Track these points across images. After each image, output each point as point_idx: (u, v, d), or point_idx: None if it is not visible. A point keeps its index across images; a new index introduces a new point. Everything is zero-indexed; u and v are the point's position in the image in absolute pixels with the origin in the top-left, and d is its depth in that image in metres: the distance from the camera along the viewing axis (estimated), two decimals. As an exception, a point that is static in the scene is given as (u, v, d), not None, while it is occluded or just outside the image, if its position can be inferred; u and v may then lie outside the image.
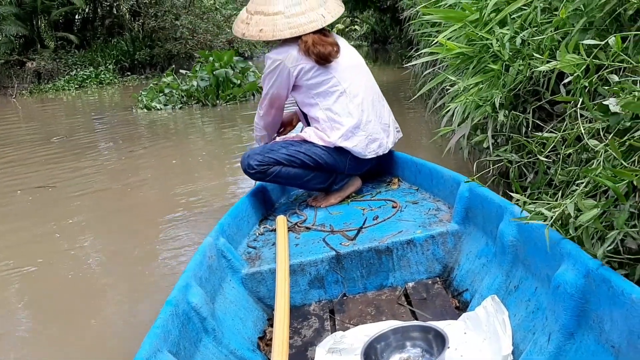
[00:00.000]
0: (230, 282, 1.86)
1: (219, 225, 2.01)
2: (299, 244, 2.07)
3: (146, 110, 9.98)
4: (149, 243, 3.21)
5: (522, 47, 1.85)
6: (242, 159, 2.44)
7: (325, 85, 2.38)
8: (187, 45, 19.49)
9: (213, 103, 9.83)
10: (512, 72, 1.84)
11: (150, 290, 2.59)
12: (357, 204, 2.46)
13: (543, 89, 1.81)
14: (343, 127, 2.36)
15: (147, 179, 4.89)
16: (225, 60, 10.47)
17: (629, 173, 0.99)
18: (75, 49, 19.75)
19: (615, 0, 1.23)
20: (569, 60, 1.15)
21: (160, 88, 10.55)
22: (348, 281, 1.92)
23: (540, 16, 1.82)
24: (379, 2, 17.39)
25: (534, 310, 1.38)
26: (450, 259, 1.93)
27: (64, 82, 17.11)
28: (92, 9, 22.02)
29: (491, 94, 1.89)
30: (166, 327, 1.33)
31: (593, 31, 1.54)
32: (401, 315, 1.72)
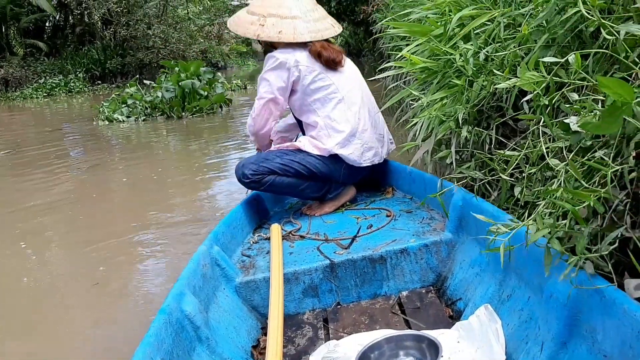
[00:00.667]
0: (224, 291, 1.85)
1: (213, 233, 2.00)
2: (293, 252, 2.07)
3: (107, 122, 9.51)
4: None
5: (486, 62, 1.83)
6: (237, 168, 2.43)
7: (324, 91, 2.40)
8: (159, 55, 19.36)
9: (178, 115, 9.43)
10: (475, 88, 1.81)
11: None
12: (351, 212, 2.46)
13: (506, 105, 1.79)
14: (340, 135, 2.37)
15: (85, 199, 4.57)
16: (191, 71, 10.04)
17: (586, 195, 0.95)
18: (45, 57, 19.46)
19: (577, 17, 1.20)
20: (529, 78, 1.12)
21: (123, 99, 10.13)
22: (342, 290, 1.91)
23: (504, 32, 1.80)
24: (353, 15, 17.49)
25: (526, 320, 1.38)
26: (444, 268, 1.93)
27: (32, 90, 16.83)
28: (63, 17, 21.73)
29: (455, 110, 1.86)
30: (160, 336, 1.32)
31: (555, 47, 1.52)
32: (395, 324, 1.72)
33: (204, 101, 9.67)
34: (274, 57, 2.39)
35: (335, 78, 2.43)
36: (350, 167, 2.43)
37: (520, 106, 1.64)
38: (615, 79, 0.86)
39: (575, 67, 1.06)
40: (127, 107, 9.85)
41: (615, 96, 0.88)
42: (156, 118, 9.56)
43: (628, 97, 0.87)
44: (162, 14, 20.97)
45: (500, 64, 1.76)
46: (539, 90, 1.13)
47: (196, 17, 23.60)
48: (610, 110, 0.89)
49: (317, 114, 2.41)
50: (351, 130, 2.38)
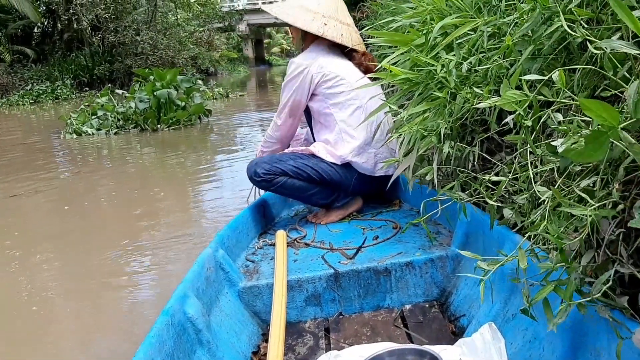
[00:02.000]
0: (227, 295, 1.85)
1: (218, 236, 2.00)
2: (297, 259, 2.06)
3: (75, 135, 8.75)
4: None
5: (469, 74, 1.73)
6: (249, 166, 2.44)
7: (343, 96, 2.43)
8: (148, 61, 19.23)
9: (153, 127, 8.73)
10: (458, 101, 1.70)
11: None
12: (357, 222, 2.47)
13: (490, 119, 1.69)
14: (355, 141, 2.40)
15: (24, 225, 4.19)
16: (167, 80, 9.35)
17: (561, 239, 0.86)
18: (33, 63, 19.30)
19: (562, 29, 1.10)
20: (510, 97, 1.01)
21: (93, 110, 9.34)
22: (345, 300, 1.90)
23: (488, 42, 1.70)
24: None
25: (530, 340, 1.35)
26: (449, 284, 1.92)
27: (18, 97, 16.64)
28: (52, 23, 21.57)
29: (437, 124, 1.75)
30: (161, 337, 1.31)
31: (541, 60, 1.42)
32: (397, 338, 1.70)
33: (181, 112, 9.00)
34: (294, 63, 2.46)
35: (354, 86, 2.45)
36: (362, 177, 2.45)
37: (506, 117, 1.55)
38: (599, 101, 0.76)
39: (560, 85, 0.96)
40: (97, 118, 9.11)
41: (599, 120, 0.77)
42: (129, 131, 8.86)
43: (613, 121, 0.77)
44: (151, 20, 20.87)
45: (484, 75, 1.66)
46: (520, 110, 1.02)
47: (186, 23, 23.49)
48: (594, 135, 0.79)
49: (334, 117, 2.44)
50: (365, 138, 2.41)
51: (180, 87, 9.54)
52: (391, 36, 2.07)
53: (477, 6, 1.98)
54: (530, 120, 1.04)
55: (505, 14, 1.79)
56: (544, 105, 1.23)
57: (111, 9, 18.70)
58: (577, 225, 1.13)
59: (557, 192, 0.99)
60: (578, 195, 1.13)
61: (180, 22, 22.74)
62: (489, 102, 1.08)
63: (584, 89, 1.20)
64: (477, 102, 1.54)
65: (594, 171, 1.12)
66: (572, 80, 1.22)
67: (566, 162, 1.11)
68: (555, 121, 1.04)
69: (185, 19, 24.08)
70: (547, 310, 1.08)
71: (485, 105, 1.10)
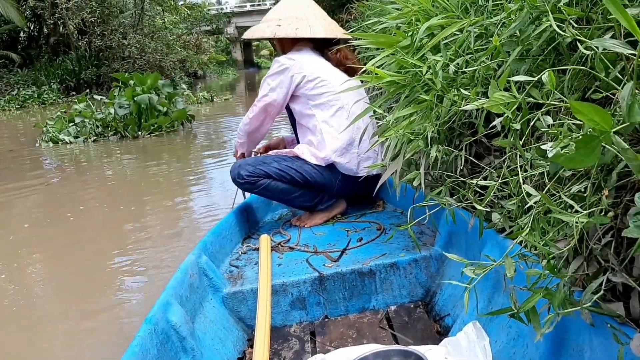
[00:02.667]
0: (211, 301, 1.83)
1: (202, 242, 1.98)
2: (281, 264, 2.05)
3: (52, 143, 8.22)
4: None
5: (456, 75, 1.68)
6: (233, 168, 2.43)
7: (325, 97, 2.43)
8: (136, 65, 19.12)
9: (134, 135, 8.26)
10: (445, 104, 1.66)
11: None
12: (341, 225, 2.46)
13: (478, 122, 1.64)
14: (337, 142, 2.40)
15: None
16: (148, 84, 8.77)
17: (549, 249, 0.81)
18: (18, 68, 19.10)
19: (551, 29, 1.05)
20: (498, 99, 0.97)
21: (70, 117, 8.84)
22: (330, 303, 1.89)
23: (475, 42, 1.66)
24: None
25: (515, 337, 1.36)
26: (433, 283, 1.92)
27: (3, 103, 16.45)
28: (38, 27, 21.39)
29: (424, 127, 1.71)
30: (144, 346, 1.30)
31: (530, 60, 1.38)
32: (382, 339, 1.71)
33: (163, 118, 8.50)
34: (279, 62, 2.45)
35: (337, 85, 2.46)
36: (346, 178, 2.45)
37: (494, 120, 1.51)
38: (590, 104, 0.71)
39: (550, 87, 0.91)
40: (74, 125, 8.59)
41: (590, 123, 0.73)
42: (108, 138, 8.41)
43: (605, 125, 0.72)
44: (138, 23, 20.75)
45: (471, 77, 1.62)
46: (509, 113, 0.98)
47: (173, 27, 23.38)
48: (585, 140, 0.74)
49: (316, 118, 2.43)
50: (349, 139, 2.41)
51: (161, 92, 9.06)
52: (376, 38, 2.02)
53: (463, 6, 1.94)
54: (519, 124, 0.99)
55: (493, 14, 1.75)
56: (533, 107, 1.19)
57: (97, 12, 18.57)
58: (567, 232, 1.09)
59: (545, 197, 0.95)
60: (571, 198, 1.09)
61: (167, 26, 22.62)
62: (476, 104, 1.04)
63: (573, 91, 1.15)
64: (465, 104, 1.50)
65: (585, 176, 1.08)
66: (562, 81, 1.18)
67: (556, 167, 1.07)
68: (544, 124, 0.99)
69: (172, 22, 23.96)
70: (534, 319, 1.05)
71: (472, 107, 1.05)
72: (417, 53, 1.87)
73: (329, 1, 16.15)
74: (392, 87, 1.97)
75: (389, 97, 2.16)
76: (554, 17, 1.14)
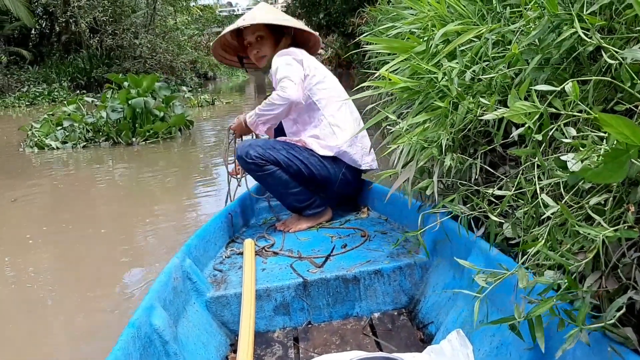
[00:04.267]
0: (195, 305, 1.82)
1: (186, 246, 1.97)
2: (265, 268, 2.05)
3: (37, 149, 7.52)
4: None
5: (472, 83, 1.66)
6: (242, 147, 2.39)
7: (329, 92, 2.50)
8: (147, 65, 19.18)
9: (127, 141, 7.55)
10: (460, 111, 1.63)
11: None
12: (326, 230, 2.47)
13: (494, 130, 1.62)
14: (346, 133, 2.45)
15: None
16: (144, 87, 8.06)
17: (568, 260, 0.79)
18: (30, 65, 19.20)
19: (573, 39, 1.03)
20: (519, 108, 0.94)
21: (58, 120, 8.07)
22: (314, 309, 1.89)
23: (492, 50, 1.64)
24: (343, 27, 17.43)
25: (498, 346, 1.37)
26: (417, 291, 1.92)
27: (14, 99, 16.52)
28: (49, 25, 21.51)
29: (438, 135, 1.68)
30: (127, 350, 1.28)
31: (549, 69, 1.35)
32: (366, 346, 1.70)
33: (160, 124, 7.76)
34: (287, 51, 2.49)
35: (335, 83, 2.57)
36: (348, 171, 2.49)
37: (511, 131, 1.48)
38: (619, 116, 0.69)
39: (573, 98, 0.89)
40: (63, 129, 7.84)
41: (620, 137, 0.70)
42: (99, 144, 7.68)
43: (635, 139, 0.69)
44: (150, 23, 20.81)
45: (487, 85, 1.59)
46: (530, 123, 0.95)
47: (185, 27, 23.44)
48: (613, 154, 0.72)
49: (321, 112, 2.47)
50: (353, 132, 2.46)
51: (158, 95, 8.33)
52: (390, 43, 2.00)
53: (480, 13, 1.92)
54: (541, 135, 0.97)
55: (510, 21, 1.72)
56: (551, 117, 1.17)
57: (109, 11, 18.64)
58: (586, 245, 1.07)
59: (565, 209, 0.93)
60: (586, 213, 1.06)
61: (179, 26, 22.66)
62: (496, 113, 1.01)
63: (595, 102, 1.13)
64: (482, 112, 1.47)
65: (604, 189, 1.06)
66: (583, 92, 1.15)
67: (576, 179, 1.04)
68: (568, 135, 0.97)
69: (184, 23, 24.03)
70: (538, 329, 1.04)
71: (492, 116, 1.03)
72: (432, 59, 1.85)
73: (340, 5, 16.18)
74: (406, 93, 1.95)
75: (401, 103, 2.14)
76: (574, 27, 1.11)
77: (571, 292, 0.96)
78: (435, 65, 1.81)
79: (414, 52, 1.88)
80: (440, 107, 1.70)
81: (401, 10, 2.65)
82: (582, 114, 0.95)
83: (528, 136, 1.03)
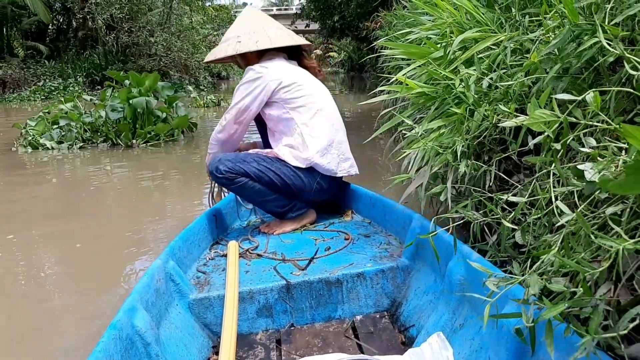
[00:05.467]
0: (177, 307, 1.81)
1: (169, 247, 1.95)
2: (249, 271, 2.04)
3: (31, 149, 7.02)
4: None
5: (489, 90, 1.66)
6: (212, 162, 2.42)
7: (302, 100, 2.46)
8: (161, 63, 19.30)
9: (127, 143, 7.07)
10: (476, 118, 1.64)
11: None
12: (310, 233, 2.46)
13: (510, 138, 1.62)
14: (319, 143, 2.42)
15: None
16: (146, 86, 7.52)
17: (584, 267, 0.79)
18: (46, 60, 19.36)
19: (595, 49, 1.03)
20: (539, 116, 0.94)
21: (54, 118, 7.51)
22: (296, 311, 1.89)
23: (510, 57, 1.64)
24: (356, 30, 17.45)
25: (477, 349, 1.39)
26: (399, 294, 1.94)
27: (29, 93, 16.69)
28: (67, 20, 21.69)
29: (453, 141, 1.69)
30: (108, 352, 1.28)
31: (568, 79, 1.35)
32: (347, 349, 1.71)
33: (162, 125, 7.26)
34: (253, 70, 2.45)
35: (313, 89, 2.52)
36: (324, 180, 2.47)
37: (526, 139, 1.48)
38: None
39: (594, 108, 0.89)
40: (59, 129, 7.31)
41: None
42: (97, 145, 7.20)
43: (659, 150, 0.70)
44: (166, 22, 20.93)
45: (504, 93, 1.59)
46: (549, 132, 0.95)
47: (200, 27, 23.54)
48: (636, 166, 0.72)
49: (295, 121, 2.45)
50: (329, 140, 2.45)
51: (161, 95, 7.81)
52: (408, 48, 2.01)
53: (498, 21, 1.92)
54: (559, 144, 0.97)
55: (529, 30, 1.72)
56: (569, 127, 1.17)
57: (126, 9, 18.77)
58: (601, 254, 1.06)
59: (580, 217, 0.92)
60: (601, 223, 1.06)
61: (194, 26, 22.77)
62: (515, 121, 1.01)
63: (615, 113, 1.13)
64: (498, 119, 1.47)
65: (620, 199, 1.05)
66: (602, 102, 1.15)
67: (592, 188, 1.04)
68: (587, 145, 0.97)
69: (199, 23, 24.13)
70: (548, 334, 1.02)
71: (511, 124, 1.03)
72: (449, 65, 1.85)
73: (355, 9, 16.20)
74: (422, 99, 1.96)
75: (416, 108, 2.14)
76: (596, 36, 1.11)
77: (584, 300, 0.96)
78: (453, 71, 1.81)
79: (431, 57, 1.88)
80: (456, 113, 1.70)
81: (418, 15, 2.66)
82: (601, 124, 0.95)
83: (546, 145, 1.03)
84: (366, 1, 14.65)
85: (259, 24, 2.60)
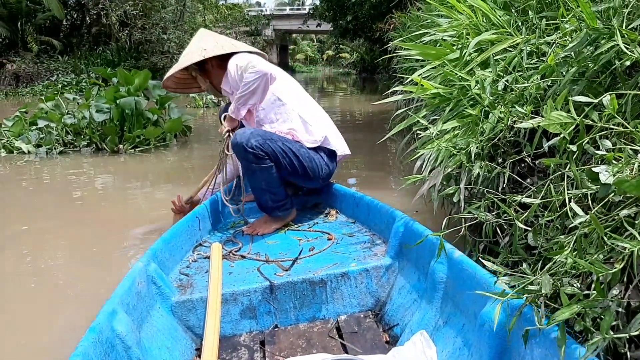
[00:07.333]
0: (159, 310, 1.78)
1: (151, 250, 1.92)
2: (232, 272, 2.03)
3: (5, 152, 6.28)
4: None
5: (505, 92, 1.67)
6: (241, 134, 2.32)
7: (289, 87, 2.61)
8: (174, 60, 19.38)
9: (113, 148, 6.22)
10: (491, 120, 1.65)
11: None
12: (293, 233, 2.45)
13: (524, 141, 1.63)
14: (321, 122, 2.54)
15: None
16: (135, 85, 6.73)
17: (600, 268, 0.80)
18: (59, 55, 19.51)
19: (612, 50, 1.04)
20: (556, 118, 0.96)
21: (32, 119, 6.74)
22: (280, 312, 1.88)
23: (526, 60, 1.65)
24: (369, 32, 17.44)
25: (460, 347, 1.41)
26: (383, 293, 1.94)
27: (42, 87, 16.82)
28: (80, 16, 21.84)
29: (467, 142, 1.70)
30: (88, 356, 1.25)
31: (584, 82, 1.36)
32: (332, 349, 1.70)
33: (153, 129, 6.40)
34: (242, 56, 2.51)
35: (290, 79, 2.69)
36: (329, 155, 2.54)
37: (540, 142, 1.49)
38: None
39: (610, 111, 0.90)
40: (37, 130, 6.55)
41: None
42: (79, 150, 6.40)
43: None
44: (179, 19, 21.04)
45: (519, 95, 1.60)
46: (565, 134, 0.97)
47: (213, 25, 23.62)
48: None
49: (290, 107, 2.52)
50: (325, 120, 2.60)
51: (152, 95, 6.99)
52: (423, 49, 2.02)
53: (515, 24, 1.93)
54: (575, 146, 0.98)
55: (545, 33, 1.73)
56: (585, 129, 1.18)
57: (140, 6, 18.90)
58: (614, 255, 1.07)
59: (594, 218, 0.93)
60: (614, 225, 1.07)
61: (207, 24, 22.86)
62: (531, 122, 1.03)
63: (631, 117, 1.14)
64: (514, 121, 1.48)
65: (634, 202, 1.06)
66: (619, 105, 1.16)
67: (607, 191, 1.05)
68: (602, 147, 0.98)
69: (212, 21, 24.23)
70: (562, 334, 1.03)
71: (527, 125, 1.04)
72: (465, 67, 1.86)
73: (368, 10, 16.20)
74: (437, 100, 1.97)
75: (431, 109, 2.16)
76: (614, 40, 1.12)
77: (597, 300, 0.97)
78: (468, 73, 1.82)
79: (447, 59, 1.89)
80: (471, 114, 1.71)
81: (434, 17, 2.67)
82: (617, 127, 0.96)
83: (562, 147, 1.04)
84: (380, 2, 14.62)
85: (216, 38, 2.75)
